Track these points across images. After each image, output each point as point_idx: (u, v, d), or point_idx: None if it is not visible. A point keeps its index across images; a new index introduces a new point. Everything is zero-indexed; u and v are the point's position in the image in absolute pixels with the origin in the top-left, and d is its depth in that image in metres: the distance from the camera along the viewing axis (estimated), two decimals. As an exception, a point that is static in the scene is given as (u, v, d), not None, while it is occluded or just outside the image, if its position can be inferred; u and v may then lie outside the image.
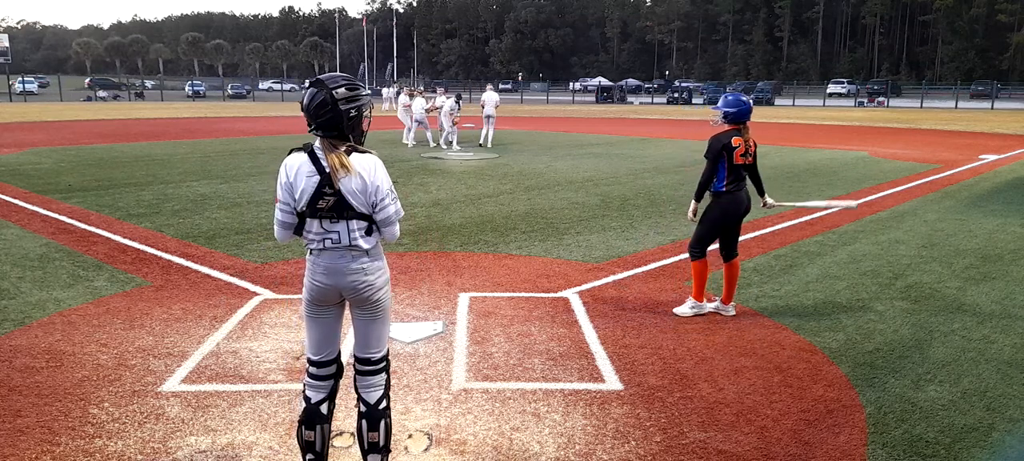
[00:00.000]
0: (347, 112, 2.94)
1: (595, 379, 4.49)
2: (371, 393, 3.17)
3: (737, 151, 5.50)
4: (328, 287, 3.04)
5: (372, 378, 3.18)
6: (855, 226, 9.34)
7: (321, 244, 3.00)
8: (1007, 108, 49.22)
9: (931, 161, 17.32)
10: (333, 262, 3.01)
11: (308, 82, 3.07)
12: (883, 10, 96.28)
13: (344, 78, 3.00)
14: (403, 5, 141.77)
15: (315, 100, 2.92)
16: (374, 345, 3.18)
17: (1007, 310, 5.94)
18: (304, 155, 2.98)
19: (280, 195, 3.03)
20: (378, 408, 3.16)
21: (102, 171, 14.50)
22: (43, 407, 4.03)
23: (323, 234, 2.99)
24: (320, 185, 2.93)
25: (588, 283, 6.63)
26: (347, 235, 2.98)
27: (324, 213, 2.95)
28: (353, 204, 2.95)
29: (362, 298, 3.07)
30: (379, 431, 3.15)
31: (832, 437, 3.78)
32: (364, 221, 2.99)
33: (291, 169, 2.98)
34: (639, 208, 10.54)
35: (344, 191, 2.93)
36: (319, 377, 3.15)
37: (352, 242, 2.99)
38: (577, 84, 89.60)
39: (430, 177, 13.90)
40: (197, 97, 64.43)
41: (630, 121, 36.69)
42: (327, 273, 3.02)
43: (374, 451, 3.16)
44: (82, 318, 5.54)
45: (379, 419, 3.15)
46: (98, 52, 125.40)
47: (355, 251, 3.01)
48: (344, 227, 2.98)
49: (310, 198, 2.94)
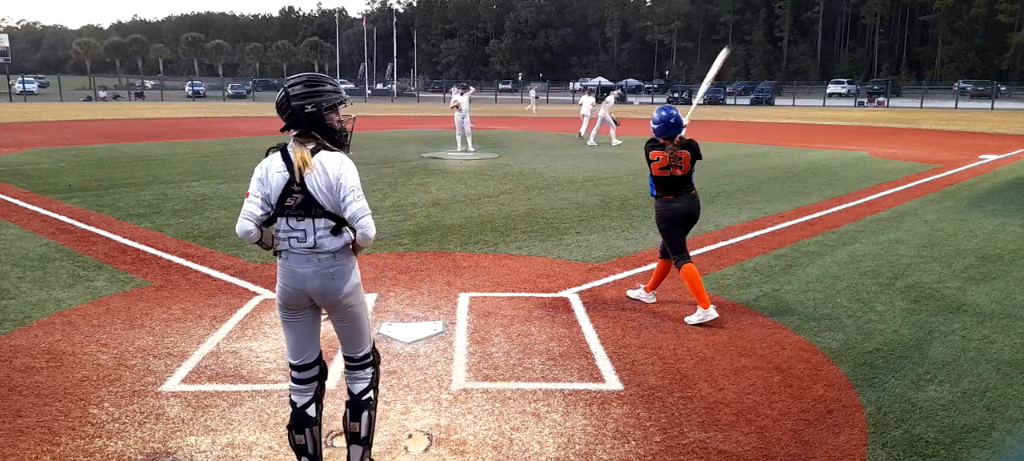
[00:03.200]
0: (302, 107, 2.98)
1: (595, 379, 4.49)
2: (356, 384, 3.23)
3: (655, 164, 5.60)
4: (296, 291, 3.06)
5: (358, 372, 3.24)
6: (855, 226, 9.34)
7: (287, 244, 3.03)
8: (1007, 108, 49.21)
9: (931, 161, 17.32)
10: (298, 266, 3.03)
11: None
12: (883, 10, 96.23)
13: (307, 76, 3.06)
14: (403, 5, 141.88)
15: (278, 98, 3.05)
16: (354, 345, 3.21)
17: (1007, 310, 5.94)
18: (277, 153, 3.06)
19: (252, 187, 3.07)
20: (361, 399, 3.21)
21: (102, 171, 14.50)
22: (43, 407, 4.03)
23: (289, 232, 3.02)
24: (289, 182, 2.98)
25: (588, 283, 6.63)
26: (313, 234, 3.00)
27: (291, 210, 2.99)
28: (320, 201, 2.98)
29: (330, 302, 3.09)
30: (360, 421, 3.18)
31: (832, 437, 3.78)
32: (331, 220, 3.01)
33: (265, 166, 3.05)
34: (639, 208, 10.54)
35: (310, 188, 2.97)
36: (302, 381, 3.19)
37: (317, 242, 3.01)
38: (577, 84, 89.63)
39: (430, 177, 13.90)
40: (197, 97, 64.46)
41: (631, 121, 36.64)
42: (293, 277, 3.04)
43: (355, 441, 3.20)
44: (82, 318, 5.54)
45: (362, 409, 3.19)
46: (98, 52, 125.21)
47: (320, 253, 3.02)
48: (310, 225, 3.00)
49: (280, 195, 3.00)
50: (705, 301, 5.55)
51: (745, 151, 19.74)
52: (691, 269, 5.63)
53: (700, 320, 5.52)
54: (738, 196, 11.74)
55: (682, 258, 5.68)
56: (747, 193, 12.11)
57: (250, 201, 3.05)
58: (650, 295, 6.10)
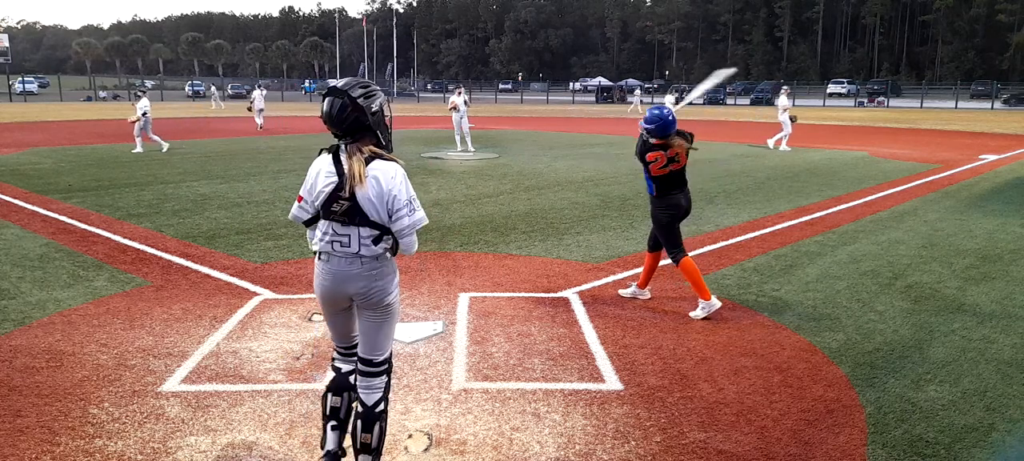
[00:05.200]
0: (369, 108, 2.95)
1: (595, 379, 4.49)
2: (370, 395, 3.18)
3: (654, 165, 5.60)
4: (336, 293, 3.07)
5: (373, 380, 3.19)
6: (855, 226, 9.34)
7: (329, 247, 3.02)
8: (1007, 108, 49.17)
9: (931, 161, 17.32)
10: (340, 268, 3.03)
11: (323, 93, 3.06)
12: (883, 10, 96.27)
13: (355, 80, 3.03)
14: (403, 5, 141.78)
15: (335, 107, 2.93)
16: (379, 347, 3.19)
17: (1007, 310, 5.94)
18: (329, 156, 3.02)
19: (304, 193, 3.09)
20: (374, 411, 3.18)
21: (102, 171, 14.50)
22: (43, 407, 4.03)
23: (333, 237, 3.00)
24: (336, 188, 2.96)
25: (588, 283, 6.63)
26: (357, 241, 2.99)
27: (336, 216, 2.97)
28: (366, 212, 2.95)
29: (372, 302, 3.08)
30: (372, 434, 3.16)
31: (832, 437, 3.78)
32: (375, 230, 2.98)
33: (316, 168, 3.04)
34: (639, 208, 10.53)
35: (359, 198, 2.94)
36: (349, 355, 3.28)
37: (361, 248, 3.00)
38: (577, 84, 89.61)
39: (430, 177, 13.90)
40: (197, 97, 64.43)
41: (630, 121, 36.66)
42: (335, 279, 3.04)
43: (366, 451, 3.17)
44: (82, 318, 5.53)
45: (374, 421, 3.17)
46: (98, 52, 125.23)
47: (363, 257, 3.02)
48: (355, 233, 2.98)
49: (326, 199, 2.98)
50: (706, 293, 5.58)
51: (745, 151, 19.73)
52: (690, 263, 5.65)
53: (706, 312, 5.54)
54: (738, 196, 11.74)
55: (680, 252, 5.69)
56: (747, 193, 12.11)
57: (301, 207, 3.10)
58: (644, 291, 6.12)
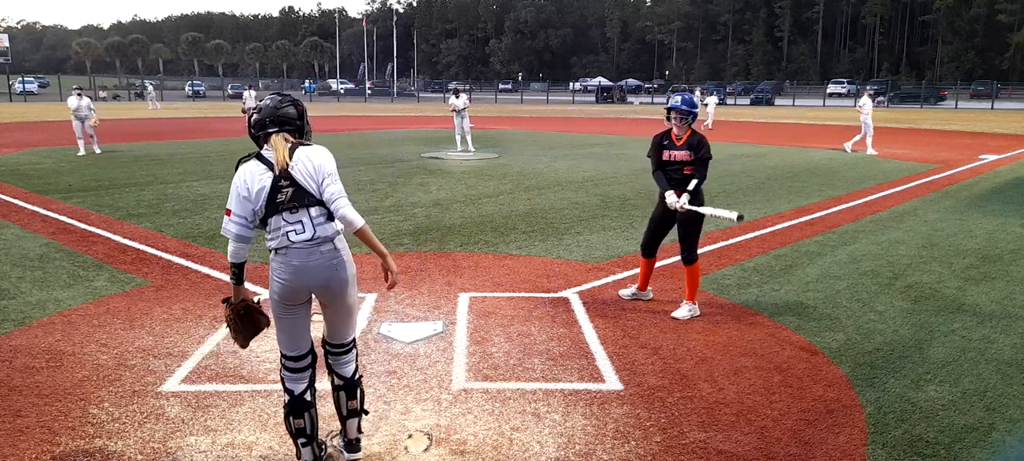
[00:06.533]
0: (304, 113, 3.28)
1: (595, 379, 4.49)
2: (346, 367, 3.38)
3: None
4: (297, 286, 3.12)
5: (344, 357, 3.38)
6: (855, 226, 9.34)
7: (285, 238, 3.07)
8: (1007, 108, 49.19)
9: (931, 161, 17.32)
10: (301, 261, 3.08)
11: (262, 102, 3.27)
12: (883, 10, 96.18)
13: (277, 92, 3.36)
14: (403, 5, 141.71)
15: (258, 113, 3.18)
16: (344, 333, 3.35)
17: (1007, 310, 5.94)
18: (254, 160, 3.12)
19: (234, 207, 3.08)
20: (354, 379, 3.39)
21: (102, 171, 14.50)
22: (43, 407, 4.04)
23: (286, 226, 3.06)
24: (275, 180, 3.05)
25: (588, 283, 6.63)
26: (310, 224, 3.08)
27: (284, 205, 3.05)
28: (309, 189, 3.07)
29: (332, 292, 3.18)
30: (357, 398, 3.39)
31: (832, 437, 3.78)
32: (323, 207, 3.11)
33: (246, 177, 3.09)
34: (639, 208, 10.53)
35: (297, 177, 3.05)
36: (297, 369, 3.30)
37: (316, 230, 3.07)
38: (577, 84, 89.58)
39: (430, 177, 13.90)
40: (197, 97, 64.43)
41: (630, 121, 36.67)
42: (295, 272, 3.09)
43: (353, 415, 3.38)
44: (82, 318, 5.54)
45: (355, 387, 3.39)
46: (98, 52, 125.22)
47: (322, 245, 3.09)
48: (306, 215, 3.08)
49: (268, 195, 3.05)
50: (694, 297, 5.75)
51: (745, 151, 19.73)
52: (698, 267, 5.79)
53: (689, 315, 5.66)
54: (738, 196, 11.74)
55: (695, 254, 5.76)
56: (747, 193, 12.11)
57: (235, 221, 3.08)
58: (645, 292, 6.15)
